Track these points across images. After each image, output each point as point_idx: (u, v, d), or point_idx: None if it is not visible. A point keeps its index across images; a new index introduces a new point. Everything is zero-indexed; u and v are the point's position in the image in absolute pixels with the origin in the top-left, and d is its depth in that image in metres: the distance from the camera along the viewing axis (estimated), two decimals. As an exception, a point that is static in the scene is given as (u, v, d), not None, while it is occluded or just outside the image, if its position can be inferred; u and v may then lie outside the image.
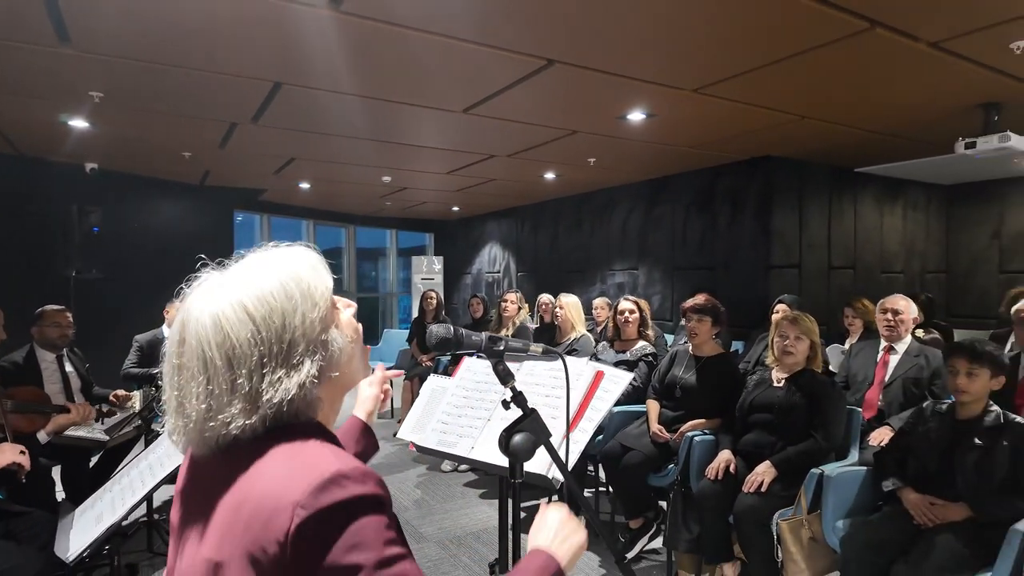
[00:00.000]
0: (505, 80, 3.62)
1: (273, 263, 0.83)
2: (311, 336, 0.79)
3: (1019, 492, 2.08)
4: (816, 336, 2.87)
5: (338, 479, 0.71)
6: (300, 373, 0.77)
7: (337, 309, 0.88)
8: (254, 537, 0.70)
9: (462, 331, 1.06)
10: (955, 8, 2.73)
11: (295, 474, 0.72)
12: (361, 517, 0.71)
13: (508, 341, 1.11)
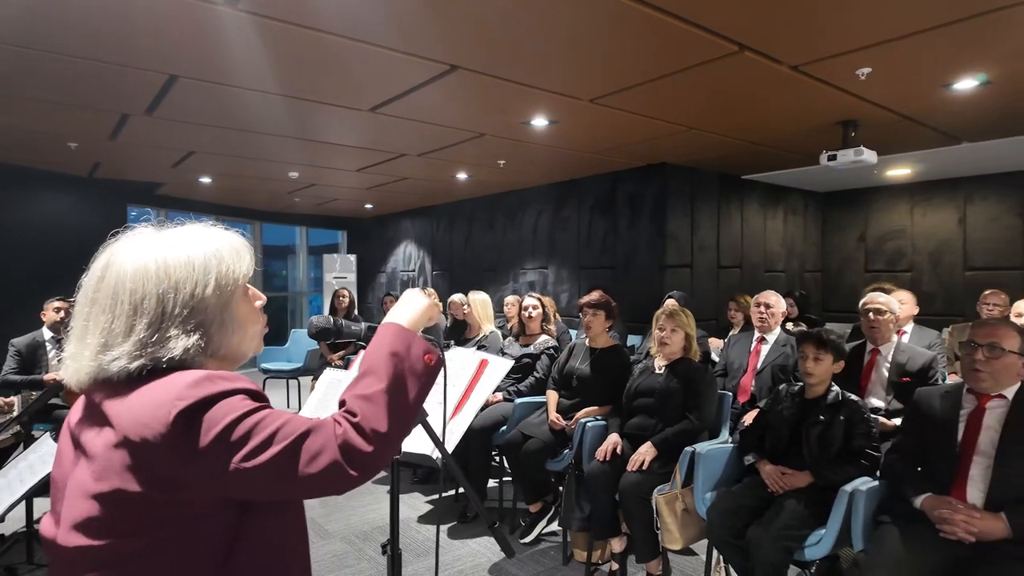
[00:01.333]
0: (410, 82, 3.71)
1: (205, 237, 0.92)
2: (212, 311, 0.88)
3: (851, 459, 2.42)
4: (691, 329, 3.16)
5: (212, 377, 0.82)
6: (189, 339, 0.85)
7: (247, 297, 0.96)
8: (138, 439, 0.78)
9: (342, 321, 1.15)
10: (810, 37, 3.11)
11: (171, 382, 0.82)
12: (233, 397, 0.81)
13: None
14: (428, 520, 3.84)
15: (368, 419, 0.84)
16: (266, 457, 0.79)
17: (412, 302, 1.06)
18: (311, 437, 0.81)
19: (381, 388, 0.88)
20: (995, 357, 2.08)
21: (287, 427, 0.81)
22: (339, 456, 0.80)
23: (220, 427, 0.79)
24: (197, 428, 0.78)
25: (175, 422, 0.78)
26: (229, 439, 0.79)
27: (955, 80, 3.67)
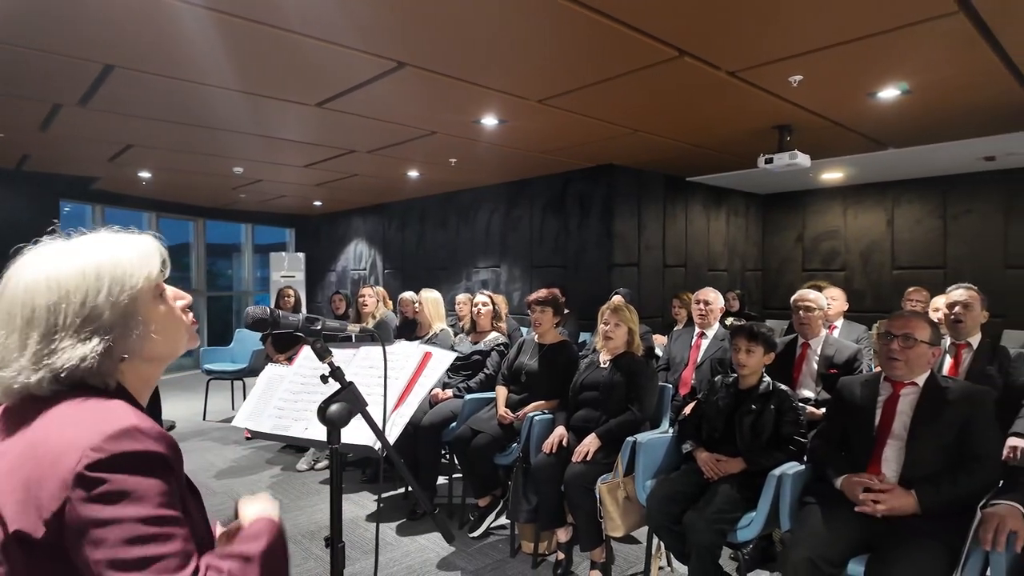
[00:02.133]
0: (358, 78, 3.69)
1: (104, 244, 0.90)
2: (109, 317, 0.85)
3: (780, 446, 2.56)
4: (634, 324, 3.26)
5: (134, 432, 0.79)
6: (85, 346, 0.83)
7: (162, 299, 0.94)
8: (40, 475, 0.77)
9: (279, 312, 1.16)
10: (745, 44, 3.26)
11: (93, 421, 0.80)
12: (148, 473, 0.78)
13: (326, 322, 1.24)
14: (376, 518, 3.82)
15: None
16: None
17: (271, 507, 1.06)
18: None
19: (257, 553, 0.88)
20: (909, 347, 2.24)
21: (167, 561, 0.76)
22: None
23: (107, 514, 0.75)
24: (99, 488, 0.75)
25: (78, 477, 0.75)
26: (105, 533, 0.74)
27: (879, 89, 3.91)
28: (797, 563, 2.00)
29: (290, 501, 4.08)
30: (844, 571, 2.02)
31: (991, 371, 2.94)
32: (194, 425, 6.31)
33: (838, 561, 2.01)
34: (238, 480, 4.61)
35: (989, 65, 3.46)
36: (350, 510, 3.95)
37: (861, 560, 2.01)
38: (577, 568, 3.08)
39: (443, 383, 4.12)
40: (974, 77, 3.67)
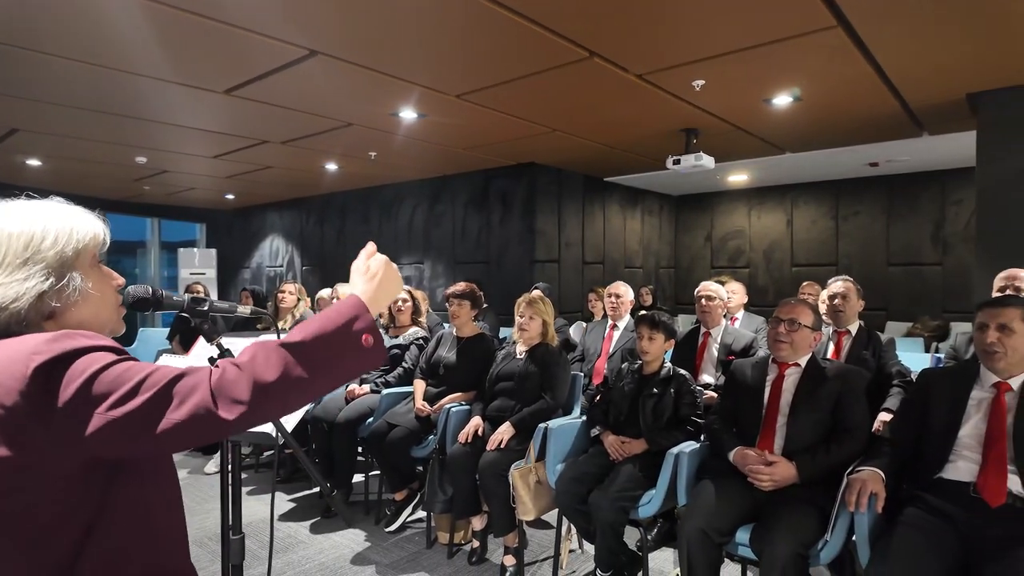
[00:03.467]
0: (267, 65, 3.58)
1: (52, 205, 0.93)
2: (49, 263, 0.87)
3: (679, 426, 2.72)
4: (548, 316, 3.35)
5: (72, 334, 0.81)
6: (20, 286, 0.84)
7: (98, 268, 0.96)
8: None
9: (162, 291, 1.13)
10: (651, 48, 3.42)
11: (28, 339, 0.80)
12: (95, 353, 0.80)
13: (213, 303, 1.22)
14: (290, 518, 3.73)
15: (256, 367, 0.81)
16: (133, 405, 0.76)
17: (372, 272, 1.05)
18: (183, 380, 0.79)
19: (291, 341, 0.85)
20: (794, 330, 2.44)
21: (156, 374, 0.79)
22: (209, 398, 0.77)
23: (82, 379, 0.76)
24: (57, 383, 0.76)
25: (32, 378, 0.75)
26: (91, 391, 0.76)
27: (773, 95, 4.21)
28: (690, 533, 2.13)
29: (196, 504, 3.91)
30: (733, 539, 2.17)
31: (866, 355, 3.25)
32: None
33: (727, 530, 2.16)
34: (139, 486, 4.35)
35: (867, 77, 3.80)
36: (262, 510, 3.83)
37: (748, 528, 2.17)
38: (491, 555, 3.14)
39: (360, 379, 4.06)
40: (855, 87, 4.02)
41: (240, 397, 0.79)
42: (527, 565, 3.06)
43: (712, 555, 2.14)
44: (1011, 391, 2.00)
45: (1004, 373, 2.02)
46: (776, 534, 2.01)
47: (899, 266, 7.16)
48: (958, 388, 2.10)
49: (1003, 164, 4.13)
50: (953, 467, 2.00)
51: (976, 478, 1.93)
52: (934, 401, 2.12)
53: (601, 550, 2.52)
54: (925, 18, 3.03)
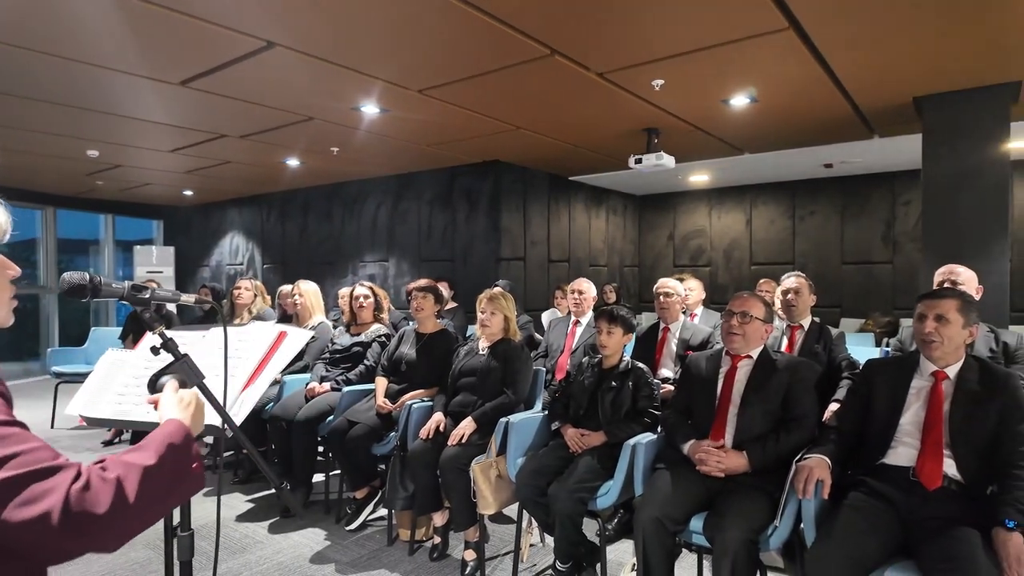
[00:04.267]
0: (223, 56, 3.51)
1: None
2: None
3: (637, 418, 2.76)
4: (510, 312, 3.36)
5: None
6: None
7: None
8: None
9: (100, 278, 1.10)
10: (611, 47, 3.46)
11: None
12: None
13: (155, 291, 1.19)
14: (248, 518, 3.66)
15: (123, 481, 0.79)
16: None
17: (190, 406, 1.10)
18: (47, 477, 0.72)
19: (147, 464, 0.85)
20: (746, 323, 2.50)
21: (29, 455, 0.72)
22: (59, 506, 0.71)
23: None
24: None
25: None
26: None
27: (731, 96, 4.30)
28: (645, 522, 2.17)
29: (149, 507, 3.80)
30: (687, 527, 2.22)
31: (818, 349, 3.35)
32: (41, 433, 5.62)
33: (682, 519, 2.21)
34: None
35: (819, 79, 3.92)
36: (220, 511, 3.74)
37: (701, 517, 2.22)
38: (453, 551, 3.13)
39: (320, 377, 4.01)
40: (808, 89, 4.14)
41: (97, 513, 0.74)
42: (488, 560, 3.06)
43: (667, 543, 2.18)
44: (948, 379, 2.09)
45: (941, 362, 2.11)
46: (727, 521, 2.06)
47: (852, 264, 7.40)
48: (899, 378, 2.19)
49: (947, 166, 4.31)
50: (894, 453, 2.08)
51: (915, 463, 2.01)
52: (877, 390, 2.20)
53: (560, 541, 2.55)
54: (872, 23, 3.15)
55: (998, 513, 1.76)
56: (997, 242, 4.13)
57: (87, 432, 5.76)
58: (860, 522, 1.90)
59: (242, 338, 1.71)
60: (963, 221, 4.23)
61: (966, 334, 2.12)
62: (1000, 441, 1.94)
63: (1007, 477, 1.85)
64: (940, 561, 1.71)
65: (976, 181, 4.20)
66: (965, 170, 4.23)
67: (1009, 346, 2.90)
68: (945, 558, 1.71)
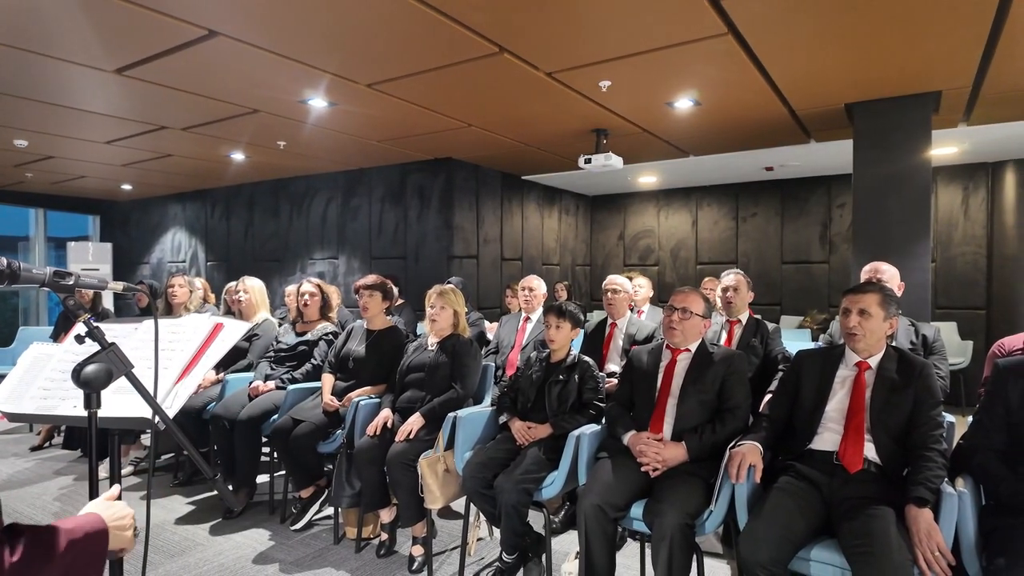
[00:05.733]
0: (162, 44, 3.39)
1: None
2: None
3: (582, 410, 2.82)
4: (459, 307, 3.37)
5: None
6: None
7: None
8: None
9: (19, 263, 1.06)
10: (559, 47, 3.51)
11: None
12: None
13: (80, 278, 1.15)
14: (188, 521, 3.55)
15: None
16: None
17: (123, 519, 1.11)
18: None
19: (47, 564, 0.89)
20: (686, 318, 2.59)
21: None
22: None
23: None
24: None
25: None
26: None
27: (675, 99, 4.43)
28: (587, 509, 2.22)
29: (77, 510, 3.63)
30: (628, 513, 2.28)
31: (755, 343, 3.50)
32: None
33: (622, 505, 2.27)
34: (21, 492, 3.99)
35: (757, 84, 4.08)
36: (158, 514, 3.62)
37: (642, 503, 2.29)
38: (401, 547, 3.13)
39: (265, 375, 3.92)
40: (747, 94, 4.30)
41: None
42: (436, 555, 3.07)
43: (608, 529, 2.24)
44: (870, 369, 2.22)
45: (864, 353, 2.24)
46: (665, 506, 2.13)
47: (791, 264, 7.72)
48: (826, 368, 2.31)
49: (876, 170, 4.56)
50: (820, 438, 2.20)
51: (838, 447, 2.13)
52: (806, 380, 2.32)
53: (506, 532, 2.58)
54: (806, 31, 3.30)
55: (910, 492, 1.88)
56: (920, 242, 4.40)
57: (16, 436, 5.46)
58: (788, 504, 2.00)
59: (176, 330, 1.67)
60: (890, 222, 4.48)
61: (887, 326, 2.26)
62: (915, 426, 2.08)
63: (919, 459, 1.98)
64: (857, 537, 1.82)
65: (901, 185, 4.45)
66: (892, 175, 4.49)
67: (928, 338, 3.10)
68: (862, 534, 1.82)
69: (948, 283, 6.86)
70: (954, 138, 5.63)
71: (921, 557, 1.76)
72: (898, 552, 1.74)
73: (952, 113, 4.77)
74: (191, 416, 3.86)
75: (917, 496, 1.85)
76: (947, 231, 6.88)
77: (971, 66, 3.78)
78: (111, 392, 1.39)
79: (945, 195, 6.89)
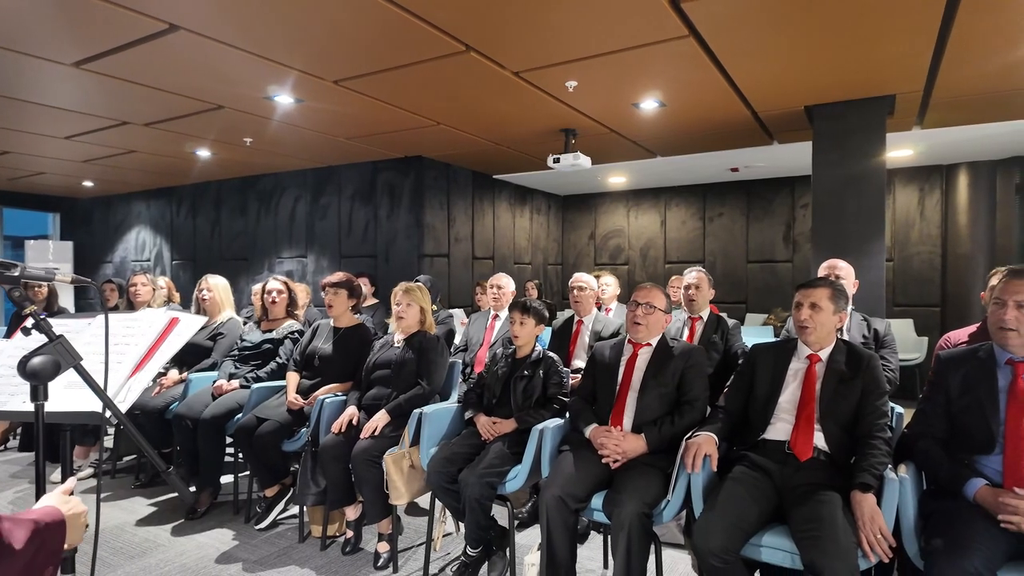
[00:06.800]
0: (121, 38, 3.33)
1: None
2: None
3: (546, 405, 2.85)
4: (426, 304, 3.38)
5: None
6: None
7: None
8: None
9: (-39, 257, 1.05)
10: (526, 46, 3.54)
11: None
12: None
13: (26, 269, 1.14)
14: (149, 522, 3.50)
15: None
16: None
17: (76, 509, 1.11)
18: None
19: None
20: (649, 313, 2.65)
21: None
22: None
23: None
24: None
25: None
26: None
27: (641, 100, 4.50)
28: (548, 501, 2.26)
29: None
30: (589, 504, 2.32)
31: (715, 339, 3.58)
32: None
33: (583, 496, 2.31)
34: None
35: (720, 86, 4.17)
36: (118, 516, 3.56)
37: (602, 495, 2.33)
38: (366, 544, 3.12)
39: (229, 374, 3.88)
40: (711, 96, 4.40)
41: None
42: (402, 551, 3.08)
43: (569, 520, 2.28)
44: (820, 361, 2.30)
45: (815, 345, 2.31)
46: (624, 496, 2.18)
47: (756, 263, 7.89)
48: (780, 360, 2.38)
49: (834, 171, 4.70)
50: (773, 428, 2.27)
51: (790, 437, 2.20)
52: (760, 373, 2.39)
53: (470, 526, 2.60)
54: (765, 34, 3.39)
55: (855, 478, 1.96)
56: (876, 241, 4.54)
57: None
58: (742, 492, 2.06)
59: (131, 325, 1.65)
60: (847, 222, 4.62)
61: (836, 320, 2.35)
62: (861, 415, 2.16)
63: (865, 447, 2.07)
64: (806, 522, 1.89)
65: (858, 185, 4.60)
66: (849, 176, 4.63)
67: (879, 332, 3.22)
68: (811, 519, 1.89)
69: (905, 281, 7.09)
70: (910, 141, 5.83)
71: (864, 540, 1.83)
72: (844, 536, 1.82)
73: (906, 116, 4.94)
74: (153, 416, 3.80)
75: (861, 482, 1.93)
76: (904, 231, 7.11)
77: (922, 71, 3.93)
78: (62, 387, 1.38)
79: (902, 196, 7.12)
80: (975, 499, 1.85)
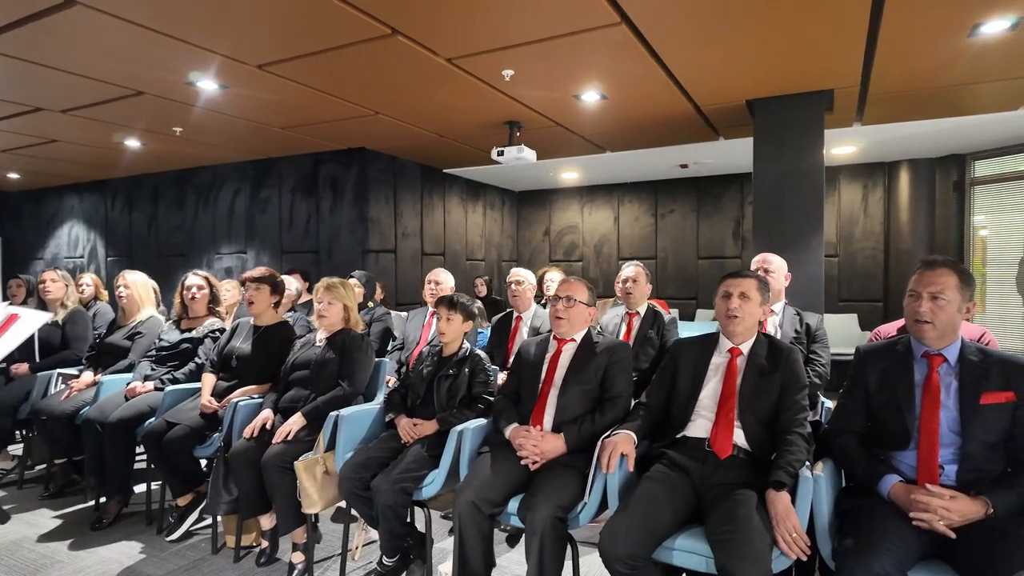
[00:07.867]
0: (14, 13, 3.07)
1: None
2: None
3: (471, 405, 2.73)
4: (350, 300, 3.21)
5: None
6: None
7: None
8: None
9: None
10: (457, 31, 3.40)
11: None
12: None
13: None
14: (50, 537, 3.25)
15: None
16: None
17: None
18: None
19: None
20: (570, 307, 2.55)
21: None
22: None
23: None
24: None
25: None
26: None
27: (581, 91, 4.41)
28: (461, 506, 2.14)
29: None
30: (505, 509, 2.20)
31: (651, 334, 3.51)
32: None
33: (499, 501, 2.19)
34: None
35: (659, 78, 4.11)
36: (19, 530, 3.30)
37: (519, 498, 2.22)
38: (283, 554, 2.95)
39: (144, 376, 3.64)
40: (650, 88, 4.33)
41: None
42: (320, 561, 2.91)
43: (483, 526, 2.16)
44: (741, 355, 2.23)
45: (738, 338, 2.24)
46: (538, 500, 2.07)
47: (707, 259, 7.92)
48: (702, 355, 2.31)
49: (774, 166, 4.70)
50: (694, 425, 2.19)
51: (709, 434, 2.13)
52: (683, 368, 2.31)
53: (384, 534, 2.46)
54: (702, 24, 3.32)
55: (771, 475, 1.89)
56: (814, 236, 4.56)
57: None
58: (657, 491, 1.97)
59: (-35, 322, 1.47)
60: (785, 217, 4.62)
61: (760, 312, 2.28)
62: (781, 410, 2.10)
63: (783, 443, 2.00)
64: (722, 524, 1.81)
65: (797, 180, 4.60)
66: (788, 170, 4.63)
67: (811, 327, 3.19)
68: (726, 521, 1.80)
69: (850, 277, 7.21)
70: (852, 137, 5.89)
71: (780, 539, 1.76)
72: (759, 537, 1.74)
73: (846, 112, 4.97)
74: (63, 421, 3.55)
75: (775, 480, 1.86)
76: (849, 227, 7.23)
77: (856, 66, 3.94)
78: None
79: (847, 192, 7.23)
80: (889, 496, 1.80)
